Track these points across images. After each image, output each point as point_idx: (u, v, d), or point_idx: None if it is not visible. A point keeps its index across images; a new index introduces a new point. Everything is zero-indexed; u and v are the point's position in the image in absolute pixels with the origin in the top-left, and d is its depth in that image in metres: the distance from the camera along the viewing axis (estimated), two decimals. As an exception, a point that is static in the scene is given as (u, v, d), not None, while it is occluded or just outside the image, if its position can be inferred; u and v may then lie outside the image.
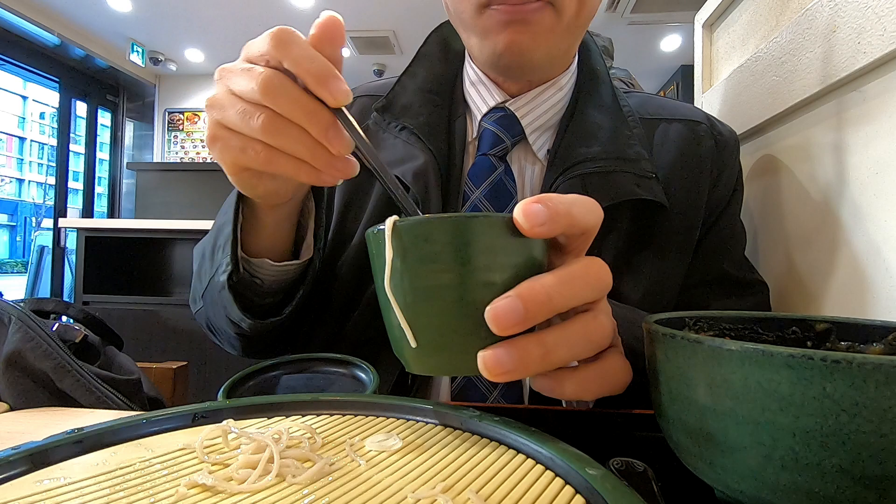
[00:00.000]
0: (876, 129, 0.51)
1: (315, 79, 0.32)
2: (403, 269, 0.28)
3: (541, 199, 0.28)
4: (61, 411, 0.50)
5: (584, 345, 0.29)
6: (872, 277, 0.51)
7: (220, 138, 0.36)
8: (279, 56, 0.33)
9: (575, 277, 0.28)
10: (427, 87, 0.63)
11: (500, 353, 0.27)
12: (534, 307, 0.26)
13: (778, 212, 0.68)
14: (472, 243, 0.27)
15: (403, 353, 0.30)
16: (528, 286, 0.27)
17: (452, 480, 0.23)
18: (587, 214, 0.30)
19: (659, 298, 0.57)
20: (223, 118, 0.36)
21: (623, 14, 4.20)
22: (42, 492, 0.22)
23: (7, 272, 13.79)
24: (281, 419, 0.31)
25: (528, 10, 0.50)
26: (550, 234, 0.28)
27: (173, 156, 5.94)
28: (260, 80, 0.33)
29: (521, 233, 0.27)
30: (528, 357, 0.27)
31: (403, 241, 0.27)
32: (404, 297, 0.28)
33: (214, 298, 0.51)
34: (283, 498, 0.22)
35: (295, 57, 0.33)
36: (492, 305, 0.27)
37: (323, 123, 0.33)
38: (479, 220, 0.27)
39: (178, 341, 2.25)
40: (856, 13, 0.51)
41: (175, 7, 4.58)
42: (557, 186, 0.55)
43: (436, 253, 0.27)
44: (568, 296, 0.28)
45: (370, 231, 0.30)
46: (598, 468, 0.22)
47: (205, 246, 0.55)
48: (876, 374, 0.19)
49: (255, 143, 0.35)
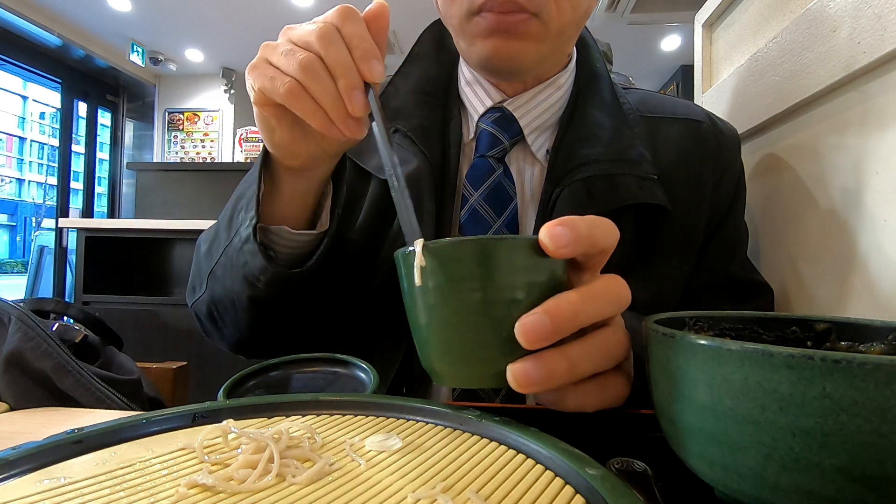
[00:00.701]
0: (876, 129, 0.51)
1: (362, 52, 0.38)
2: (433, 289, 0.30)
3: (564, 221, 0.30)
4: (61, 411, 0.50)
5: (605, 358, 0.31)
6: (873, 277, 0.51)
7: (258, 68, 0.41)
8: (339, 24, 0.39)
9: (598, 294, 0.30)
10: (420, 88, 0.62)
11: (528, 366, 0.28)
12: (561, 322, 0.28)
13: (778, 211, 0.68)
14: (499, 264, 0.29)
15: (433, 366, 0.32)
16: (555, 303, 0.29)
17: (452, 480, 0.23)
18: (606, 236, 0.32)
19: (664, 300, 0.56)
20: (269, 55, 0.41)
21: (623, 14, 4.19)
22: (42, 492, 0.22)
23: (7, 272, 13.79)
24: (281, 419, 0.31)
25: (514, 20, 0.50)
26: (573, 254, 0.30)
27: (173, 156, 5.93)
28: (319, 29, 0.38)
29: (546, 253, 0.29)
30: (555, 370, 0.29)
31: (434, 263, 0.29)
32: (435, 315, 0.30)
33: (233, 262, 0.51)
34: (282, 498, 0.22)
35: (351, 30, 0.38)
36: (521, 321, 0.28)
37: (353, 81, 0.38)
38: (507, 242, 0.29)
39: (178, 341, 2.25)
40: (856, 13, 0.51)
41: (175, 7, 4.58)
42: (561, 191, 0.54)
43: (465, 273, 0.29)
44: (591, 312, 0.30)
45: (399, 252, 0.31)
46: (598, 468, 0.22)
47: (216, 228, 0.56)
48: (876, 374, 0.19)
49: (285, 76, 0.39)
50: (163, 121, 5.99)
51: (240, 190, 0.54)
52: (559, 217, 0.53)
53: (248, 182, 0.53)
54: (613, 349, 0.32)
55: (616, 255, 0.55)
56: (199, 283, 0.58)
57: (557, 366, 0.29)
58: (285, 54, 0.39)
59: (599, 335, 0.31)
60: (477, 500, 0.21)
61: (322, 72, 0.38)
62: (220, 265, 0.54)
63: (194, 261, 0.61)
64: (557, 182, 0.55)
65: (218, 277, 0.54)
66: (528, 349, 0.28)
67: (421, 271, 0.30)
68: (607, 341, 0.31)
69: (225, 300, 0.55)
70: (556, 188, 0.55)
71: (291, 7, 4.49)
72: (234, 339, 0.59)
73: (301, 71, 0.38)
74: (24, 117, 14.94)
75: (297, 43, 0.39)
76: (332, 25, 0.38)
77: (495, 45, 0.51)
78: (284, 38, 0.41)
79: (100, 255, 2.38)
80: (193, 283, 0.60)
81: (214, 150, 5.91)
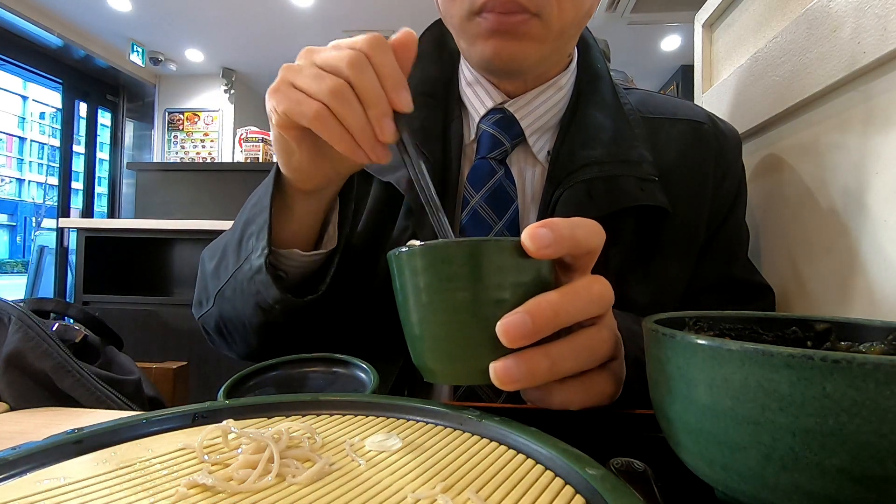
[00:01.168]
0: (876, 129, 0.51)
1: (392, 82, 0.38)
2: (423, 288, 0.31)
3: (546, 223, 0.30)
4: (61, 411, 0.50)
5: (588, 357, 0.32)
6: (874, 277, 0.51)
7: (281, 91, 0.41)
8: (370, 52, 0.38)
9: (578, 295, 0.31)
10: (421, 89, 0.61)
11: (509, 363, 0.29)
12: (541, 322, 0.29)
13: (778, 211, 0.68)
14: (484, 265, 0.30)
15: (423, 362, 0.33)
16: (536, 303, 0.29)
17: (452, 480, 0.23)
18: (590, 236, 0.32)
19: (664, 301, 0.56)
20: (293, 78, 0.40)
21: (623, 14, 4.19)
22: (42, 492, 0.22)
23: (7, 272, 13.79)
24: (281, 419, 0.31)
25: (514, 21, 0.49)
26: (556, 255, 0.30)
27: (173, 156, 5.93)
28: (349, 55, 0.38)
29: (529, 254, 0.30)
30: (536, 368, 0.29)
31: (424, 263, 0.31)
32: (424, 313, 0.31)
33: (243, 288, 0.51)
34: (283, 498, 0.22)
35: (381, 59, 0.38)
36: (502, 320, 0.29)
37: (383, 109, 0.38)
38: (491, 244, 0.30)
39: (178, 341, 2.25)
40: (856, 13, 0.51)
41: (175, 7, 4.58)
42: (562, 193, 0.54)
43: (452, 273, 0.30)
44: (572, 312, 0.30)
45: (392, 253, 0.32)
46: (598, 468, 0.22)
47: (222, 245, 0.56)
48: (876, 374, 0.19)
49: (313, 101, 0.39)
50: (163, 121, 5.99)
51: (248, 212, 0.54)
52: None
53: (258, 206, 0.52)
54: (597, 349, 0.32)
55: (616, 257, 0.55)
56: (205, 298, 0.58)
57: (539, 364, 0.29)
58: (313, 78, 0.39)
59: (583, 334, 0.32)
60: (477, 500, 0.21)
61: (352, 98, 0.38)
62: (230, 287, 0.54)
63: (199, 274, 0.61)
64: (558, 184, 0.55)
65: (227, 298, 0.55)
66: (510, 348, 0.29)
67: (411, 271, 0.31)
68: (591, 340, 0.32)
69: (235, 320, 0.56)
70: (557, 190, 0.55)
71: (291, 7, 4.49)
72: (243, 353, 0.60)
73: (331, 96, 0.38)
74: (24, 117, 14.94)
75: (325, 68, 0.39)
76: (362, 53, 0.38)
77: (496, 45, 0.51)
78: (307, 60, 0.41)
79: (100, 255, 2.38)
80: (200, 298, 0.60)
81: (214, 150, 5.91)
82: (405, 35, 0.40)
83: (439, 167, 0.58)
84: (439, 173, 0.58)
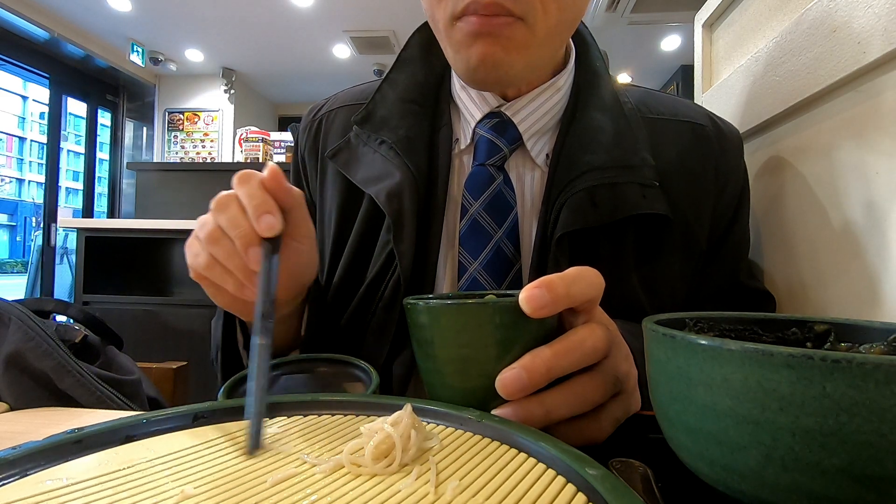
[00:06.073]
0: (877, 129, 0.51)
1: (252, 209, 0.40)
2: (430, 341, 0.35)
3: (542, 283, 0.32)
4: (61, 411, 0.50)
5: (580, 404, 0.34)
6: (874, 278, 0.51)
7: (190, 245, 0.45)
8: (237, 188, 0.41)
9: (571, 351, 0.33)
10: (408, 96, 0.60)
11: (508, 412, 0.32)
12: (535, 377, 0.32)
13: (778, 211, 0.68)
14: (484, 325, 0.33)
15: (435, 396, 0.36)
16: (531, 359, 0.32)
17: (453, 480, 0.23)
18: (587, 289, 0.34)
19: (665, 305, 0.56)
20: (197, 230, 0.44)
21: (623, 14, 4.19)
22: (46, 492, 0.22)
23: (7, 272, 13.78)
24: (281, 419, 0.31)
25: (498, 23, 0.48)
26: (553, 313, 0.32)
27: (173, 156, 5.93)
28: (217, 200, 0.41)
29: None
30: (532, 416, 0.32)
31: (429, 319, 0.35)
32: (432, 361, 0.35)
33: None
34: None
35: (243, 191, 0.41)
36: (501, 376, 0.32)
37: (247, 239, 0.39)
38: (489, 307, 0.33)
39: (178, 341, 2.25)
40: (856, 13, 0.51)
41: (175, 7, 4.58)
42: (564, 200, 0.53)
43: (455, 331, 0.34)
44: (564, 366, 0.33)
45: (408, 301, 0.36)
46: (598, 468, 0.22)
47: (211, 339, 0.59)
48: (876, 374, 0.20)
49: (205, 252, 0.42)
50: (163, 121, 5.99)
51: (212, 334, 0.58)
52: (563, 227, 0.53)
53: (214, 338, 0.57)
54: (589, 396, 0.34)
55: (618, 262, 0.55)
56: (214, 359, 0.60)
57: (534, 412, 0.32)
58: (199, 226, 0.43)
59: (576, 383, 0.34)
60: (478, 499, 0.21)
61: (222, 237, 0.41)
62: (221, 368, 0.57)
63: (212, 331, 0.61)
64: (560, 191, 0.54)
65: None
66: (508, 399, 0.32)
67: (418, 325, 0.35)
68: (583, 388, 0.34)
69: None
70: (559, 197, 0.53)
71: (291, 7, 4.49)
72: None
73: (207, 243, 0.41)
74: (24, 117, 14.94)
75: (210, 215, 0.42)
76: (229, 193, 0.41)
77: (480, 50, 0.49)
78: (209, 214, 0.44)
79: (100, 255, 2.38)
80: (212, 355, 0.61)
81: (214, 150, 5.91)
82: (269, 168, 0.42)
83: (423, 179, 0.56)
84: (424, 184, 0.56)
